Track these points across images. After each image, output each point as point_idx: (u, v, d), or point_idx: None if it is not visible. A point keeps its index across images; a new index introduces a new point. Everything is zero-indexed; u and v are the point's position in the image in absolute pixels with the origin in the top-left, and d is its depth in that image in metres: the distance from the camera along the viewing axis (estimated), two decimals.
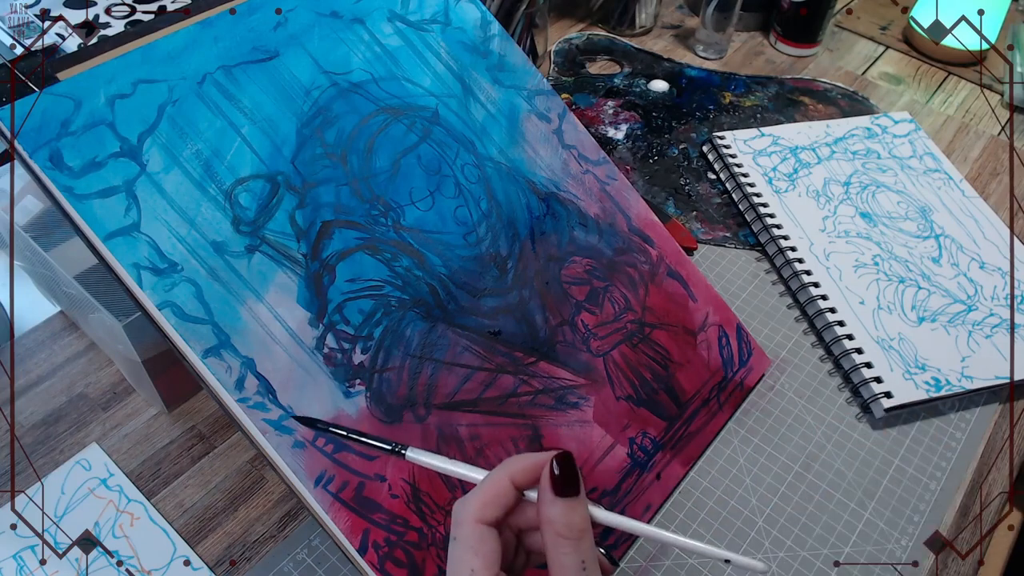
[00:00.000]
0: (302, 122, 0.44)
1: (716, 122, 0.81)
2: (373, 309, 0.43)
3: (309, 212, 0.43)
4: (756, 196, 0.70)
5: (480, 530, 0.30)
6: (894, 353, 0.59)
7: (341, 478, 0.40)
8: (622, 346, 0.52)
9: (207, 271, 0.39)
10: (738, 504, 0.52)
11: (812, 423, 0.57)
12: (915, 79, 0.92)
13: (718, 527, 0.51)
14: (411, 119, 0.48)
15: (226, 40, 0.43)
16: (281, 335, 0.40)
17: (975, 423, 0.58)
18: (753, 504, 0.52)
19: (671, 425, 0.52)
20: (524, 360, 0.48)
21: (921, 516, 0.52)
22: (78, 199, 0.37)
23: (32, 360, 0.58)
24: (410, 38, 0.50)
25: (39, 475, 0.51)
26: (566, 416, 0.48)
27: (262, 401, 0.39)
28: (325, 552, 0.48)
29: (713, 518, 0.51)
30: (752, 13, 0.95)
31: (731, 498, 0.52)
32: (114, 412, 0.55)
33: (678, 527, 0.50)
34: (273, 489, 0.52)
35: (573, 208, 0.53)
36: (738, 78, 0.88)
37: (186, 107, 0.41)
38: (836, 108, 0.85)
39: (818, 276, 0.64)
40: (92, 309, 0.48)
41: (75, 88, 0.38)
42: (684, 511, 0.51)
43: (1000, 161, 0.80)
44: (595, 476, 0.48)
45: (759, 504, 0.52)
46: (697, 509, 0.51)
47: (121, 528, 0.49)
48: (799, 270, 0.64)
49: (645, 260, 0.55)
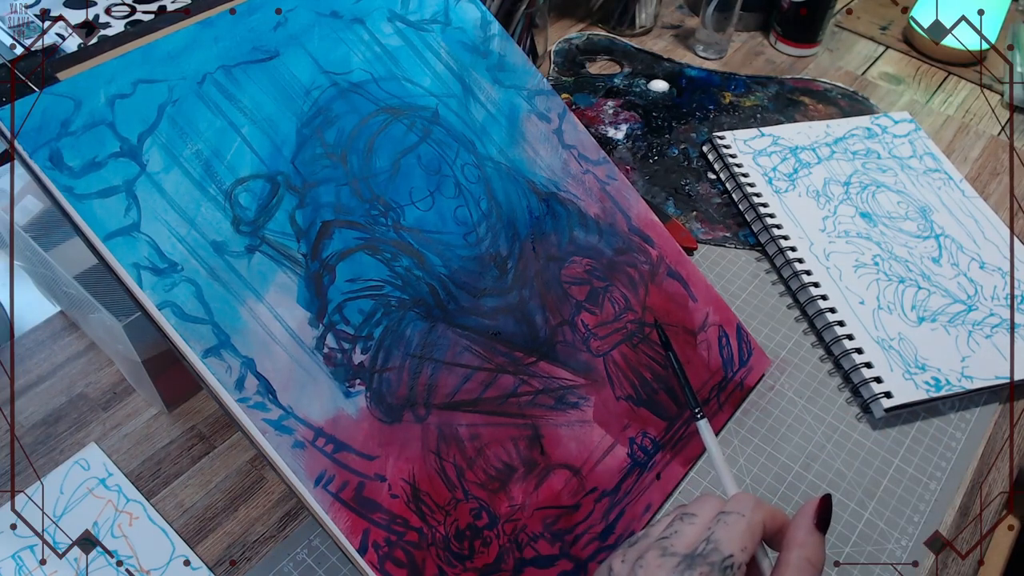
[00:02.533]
0: (302, 122, 0.44)
1: (716, 122, 0.81)
2: (373, 309, 0.43)
3: (309, 212, 0.43)
4: (756, 196, 0.70)
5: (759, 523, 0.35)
6: (894, 353, 0.59)
7: (341, 478, 0.40)
8: (622, 346, 0.52)
9: (207, 271, 0.39)
10: None
11: (812, 423, 0.57)
12: (915, 79, 0.92)
13: None
14: (411, 119, 0.48)
15: (226, 40, 0.43)
16: (281, 335, 0.40)
17: (975, 423, 0.58)
18: None
19: (671, 425, 0.52)
20: (524, 360, 0.48)
21: (921, 516, 0.52)
22: (78, 199, 0.37)
23: (32, 360, 0.58)
24: (410, 38, 0.50)
25: (39, 475, 0.51)
26: (566, 416, 0.48)
27: (262, 401, 0.39)
28: (325, 552, 0.48)
29: None
30: (752, 13, 0.95)
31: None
32: (114, 412, 0.55)
33: None
34: (273, 489, 0.52)
35: (573, 208, 0.53)
36: (738, 78, 0.88)
37: (186, 107, 0.41)
38: (836, 108, 0.85)
39: (818, 276, 0.64)
40: (92, 309, 0.48)
41: (75, 88, 0.38)
42: None
43: (1000, 161, 0.80)
44: (595, 476, 0.48)
45: None
46: None
47: (120, 528, 0.49)
48: (799, 270, 0.64)
49: (645, 260, 0.55)
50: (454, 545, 0.43)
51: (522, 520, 0.45)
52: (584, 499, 0.48)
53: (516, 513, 0.45)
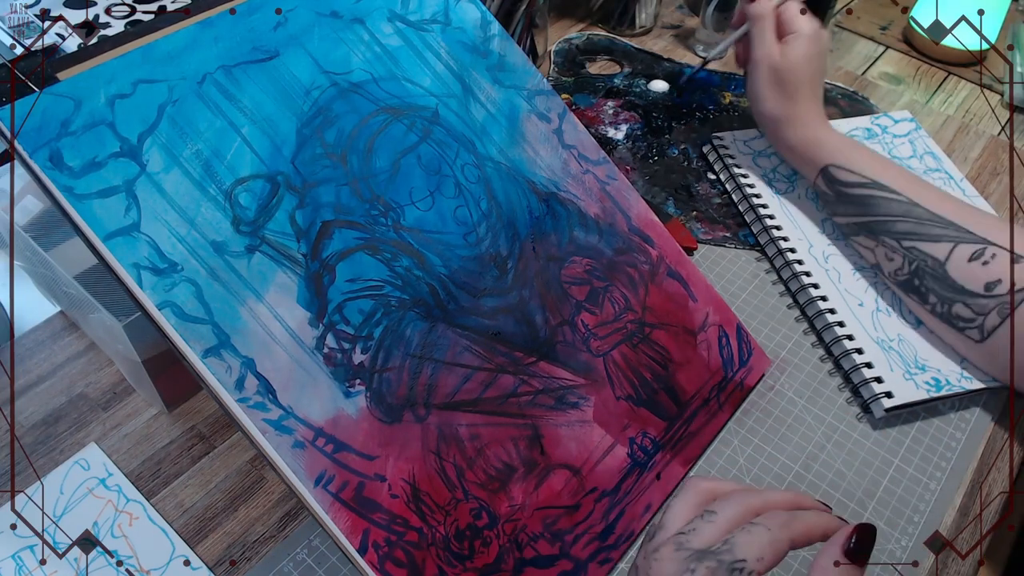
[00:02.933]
0: (302, 122, 0.44)
1: (716, 122, 0.81)
2: (373, 309, 0.43)
3: (309, 212, 0.43)
4: (756, 197, 0.70)
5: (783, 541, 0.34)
6: (894, 354, 0.59)
7: (341, 478, 0.40)
8: (622, 346, 0.52)
9: (207, 271, 0.39)
10: None
11: (812, 423, 0.57)
12: (915, 79, 0.92)
13: None
14: (411, 119, 0.48)
15: (226, 40, 0.43)
16: (281, 335, 0.40)
17: (975, 423, 0.58)
18: None
19: (671, 425, 0.52)
20: (524, 360, 0.48)
21: (921, 516, 0.52)
22: (78, 199, 0.37)
23: (32, 360, 0.58)
24: (410, 38, 0.50)
25: (39, 475, 0.51)
26: (566, 416, 0.48)
27: (262, 401, 0.39)
28: (325, 552, 0.48)
29: None
30: None
31: None
32: (114, 412, 0.55)
33: None
34: (273, 489, 0.52)
35: (573, 208, 0.53)
36: (738, 78, 0.87)
37: (186, 107, 0.41)
38: (836, 108, 0.85)
39: (817, 277, 0.64)
40: (92, 309, 0.48)
41: (75, 88, 0.38)
42: None
43: (1000, 161, 0.80)
44: (595, 476, 0.48)
45: None
46: None
47: (120, 528, 0.49)
48: (799, 271, 0.64)
49: (645, 260, 0.55)
50: (454, 545, 0.43)
51: (522, 520, 0.45)
52: (584, 499, 0.48)
53: (516, 513, 0.45)
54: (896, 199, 0.56)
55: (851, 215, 0.57)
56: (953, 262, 0.52)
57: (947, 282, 0.53)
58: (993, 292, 0.51)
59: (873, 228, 0.56)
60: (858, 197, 0.58)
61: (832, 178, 0.59)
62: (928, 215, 0.55)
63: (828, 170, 0.60)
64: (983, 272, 0.52)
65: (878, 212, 0.56)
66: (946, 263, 0.53)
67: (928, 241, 0.54)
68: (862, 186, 0.57)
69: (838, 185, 0.58)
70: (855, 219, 0.57)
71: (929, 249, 0.54)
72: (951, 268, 0.53)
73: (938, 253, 0.54)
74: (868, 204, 0.57)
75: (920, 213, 0.55)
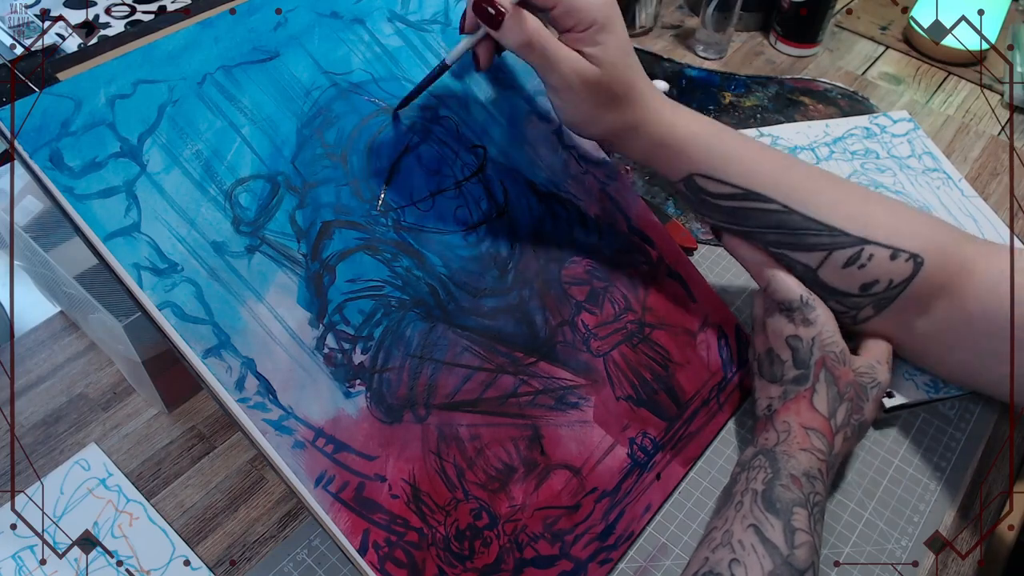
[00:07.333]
0: (302, 122, 0.44)
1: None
2: (373, 309, 0.44)
3: (309, 212, 0.43)
4: None
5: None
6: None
7: (341, 478, 0.40)
8: (622, 346, 0.52)
9: (207, 271, 0.39)
10: None
11: None
12: (915, 79, 0.92)
13: None
14: (411, 119, 0.48)
15: (226, 40, 0.43)
16: (281, 335, 0.40)
17: (975, 423, 0.58)
18: None
19: (671, 425, 0.52)
20: (524, 360, 0.48)
21: (921, 516, 0.52)
22: (78, 199, 0.37)
23: (32, 360, 0.58)
24: (410, 38, 0.50)
25: (39, 475, 0.51)
26: (566, 416, 0.48)
27: (262, 401, 0.39)
28: (325, 552, 0.48)
29: None
30: (752, 13, 0.95)
31: None
32: (114, 412, 0.55)
33: (678, 527, 0.50)
34: (273, 489, 0.52)
35: (573, 208, 0.53)
36: (738, 78, 0.88)
37: (186, 107, 0.41)
38: (836, 108, 0.85)
39: None
40: (92, 309, 0.48)
41: (75, 88, 0.38)
42: (684, 511, 0.51)
43: (1000, 161, 0.80)
44: (595, 476, 0.48)
45: None
46: (697, 509, 0.51)
47: (120, 528, 0.49)
48: None
49: (645, 260, 0.55)
50: (454, 545, 0.43)
51: (522, 520, 0.45)
52: (584, 499, 0.48)
53: (516, 513, 0.45)
54: (769, 208, 0.49)
55: (717, 221, 0.52)
56: (826, 269, 0.49)
57: (818, 285, 0.51)
58: (869, 292, 0.50)
59: (742, 234, 0.52)
60: (727, 208, 0.51)
61: (697, 187, 0.50)
62: (803, 223, 0.49)
63: (693, 180, 0.50)
64: (859, 275, 0.49)
65: (747, 223, 0.50)
66: (818, 270, 0.50)
67: (801, 251, 0.50)
68: (732, 197, 0.50)
69: (703, 194, 0.50)
70: (722, 224, 0.52)
71: (801, 257, 0.50)
72: (823, 274, 0.49)
73: (810, 261, 0.50)
74: (737, 214, 0.50)
75: (795, 222, 0.49)
